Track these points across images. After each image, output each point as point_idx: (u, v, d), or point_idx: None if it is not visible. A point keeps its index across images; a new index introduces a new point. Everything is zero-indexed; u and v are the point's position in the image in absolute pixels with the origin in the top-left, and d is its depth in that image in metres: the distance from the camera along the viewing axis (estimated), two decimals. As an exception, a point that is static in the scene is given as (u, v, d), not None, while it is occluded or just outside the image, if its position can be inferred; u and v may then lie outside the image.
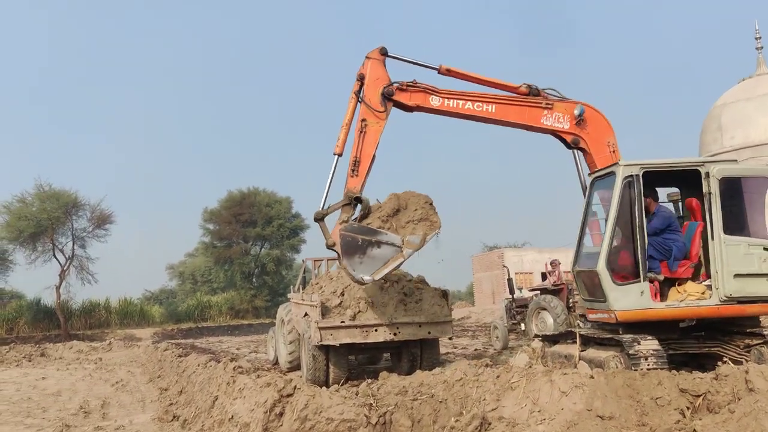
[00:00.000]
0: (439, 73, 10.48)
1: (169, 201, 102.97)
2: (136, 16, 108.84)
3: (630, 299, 7.87)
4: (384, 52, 10.24)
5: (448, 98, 10.15)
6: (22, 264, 35.98)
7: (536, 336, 10.07)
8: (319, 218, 10.05)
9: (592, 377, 5.36)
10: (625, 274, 8.06)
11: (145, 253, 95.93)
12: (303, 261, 17.00)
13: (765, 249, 7.73)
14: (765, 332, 7.78)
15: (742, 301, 7.74)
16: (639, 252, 7.89)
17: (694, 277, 8.29)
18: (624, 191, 8.03)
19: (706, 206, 7.91)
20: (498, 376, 6.06)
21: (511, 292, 16.03)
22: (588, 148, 9.70)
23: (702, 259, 8.32)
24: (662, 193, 9.15)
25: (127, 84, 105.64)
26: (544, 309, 14.07)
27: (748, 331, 7.99)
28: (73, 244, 35.66)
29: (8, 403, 11.44)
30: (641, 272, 7.86)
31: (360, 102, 10.19)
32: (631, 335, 7.59)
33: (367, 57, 10.26)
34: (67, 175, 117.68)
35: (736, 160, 8.46)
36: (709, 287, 7.87)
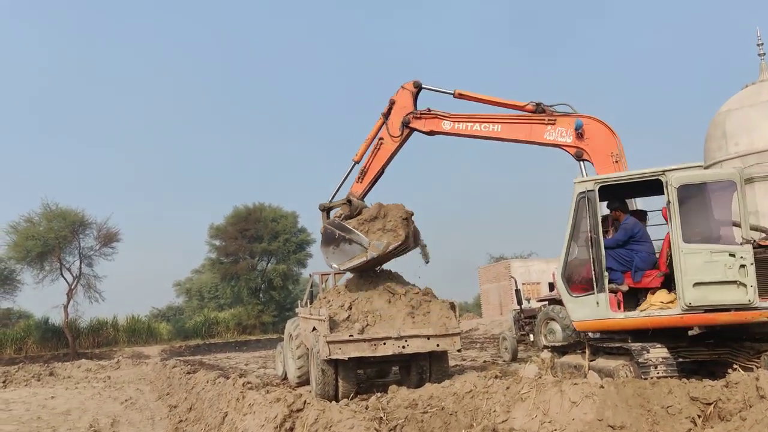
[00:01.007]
0: (453, 97, 11.39)
1: (174, 218, 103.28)
2: (143, 32, 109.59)
3: (586, 310, 8.11)
4: (417, 86, 11.65)
5: (457, 122, 11.14)
6: (29, 283, 36.08)
7: (545, 347, 10.06)
8: (323, 209, 12.38)
9: (602, 387, 5.34)
10: (582, 286, 8.27)
11: (151, 270, 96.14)
12: (310, 275, 17.00)
13: (731, 255, 7.51)
14: None
15: (709, 310, 7.59)
16: (594, 264, 8.05)
17: (668, 286, 8.20)
18: (580, 206, 8.32)
19: (669, 215, 7.90)
20: (508, 388, 6.04)
21: (519, 303, 15.95)
22: (591, 159, 9.78)
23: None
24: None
25: (134, 100, 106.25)
26: (553, 319, 14.00)
27: (758, 337, 7.91)
28: (80, 263, 35.77)
29: (18, 423, 11.46)
30: (596, 284, 8.02)
31: (384, 123, 11.84)
32: (640, 344, 7.58)
33: (402, 87, 11.78)
34: (73, 194, 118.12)
35: (701, 166, 8.26)
36: None
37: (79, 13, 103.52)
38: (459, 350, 10.82)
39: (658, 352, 7.39)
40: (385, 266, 12.21)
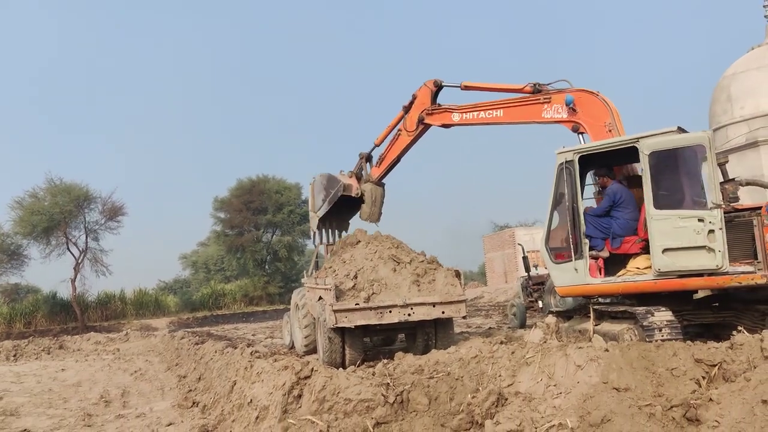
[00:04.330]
0: (461, 89, 12.05)
1: (179, 191, 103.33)
2: (140, 13, 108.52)
3: (567, 276, 8.42)
4: (438, 84, 12.26)
5: (465, 112, 11.78)
6: (36, 258, 36.21)
7: (550, 312, 10.11)
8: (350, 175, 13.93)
9: (607, 350, 5.36)
10: (564, 253, 8.54)
11: (157, 243, 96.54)
12: (316, 246, 17.04)
13: (699, 220, 7.46)
14: None
15: (682, 275, 7.59)
16: (573, 232, 8.30)
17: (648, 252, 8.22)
18: (560, 176, 8.57)
19: (643, 182, 7.93)
20: (513, 353, 6.08)
21: (527, 270, 15.96)
22: (587, 131, 9.93)
23: None
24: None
25: (134, 76, 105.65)
26: None
27: (763, 299, 7.91)
28: (86, 237, 35.86)
29: (30, 395, 11.61)
30: (574, 251, 8.30)
31: (404, 116, 12.75)
32: (645, 308, 7.61)
33: (424, 84, 12.43)
34: (77, 170, 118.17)
35: (675, 130, 8.18)
36: None
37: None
38: (464, 317, 10.89)
39: (662, 316, 7.42)
40: (392, 234, 12.34)
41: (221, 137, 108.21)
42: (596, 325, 8.36)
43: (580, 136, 10.06)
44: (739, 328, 6.94)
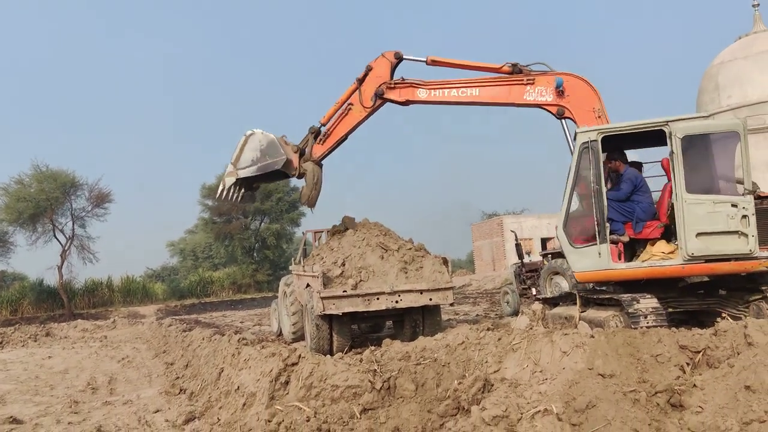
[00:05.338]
0: (426, 64, 11.19)
1: (166, 179, 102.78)
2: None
3: (588, 261, 8.10)
4: (398, 57, 11.25)
5: (434, 89, 10.92)
6: (23, 245, 36.15)
7: (536, 299, 10.14)
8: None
9: (592, 337, 5.40)
10: (584, 237, 8.25)
11: (145, 231, 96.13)
12: (303, 233, 17.05)
13: (733, 206, 7.57)
14: (763, 287, 7.79)
15: (710, 259, 7.67)
16: (597, 215, 8.03)
17: (668, 237, 8.27)
18: (582, 156, 8.23)
19: (671, 165, 7.89)
20: (499, 339, 6.11)
21: (520, 257, 15.98)
22: (573, 117, 9.82)
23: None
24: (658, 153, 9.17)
25: (120, 62, 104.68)
26: (558, 273, 13.99)
27: (747, 287, 8.01)
28: (73, 224, 35.69)
29: (16, 382, 11.56)
30: (598, 235, 8.00)
31: (358, 89, 11.41)
32: (630, 295, 7.65)
33: (381, 54, 11.31)
34: (63, 157, 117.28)
35: (704, 116, 8.24)
36: None
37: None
38: (451, 304, 10.93)
39: (647, 303, 7.47)
40: (379, 221, 12.35)
41: (208, 123, 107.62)
42: (582, 312, 8.39)
43: (563, 122, 9.96)
44: (723, 315, 7.05)
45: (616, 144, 8.65)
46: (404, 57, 11.27)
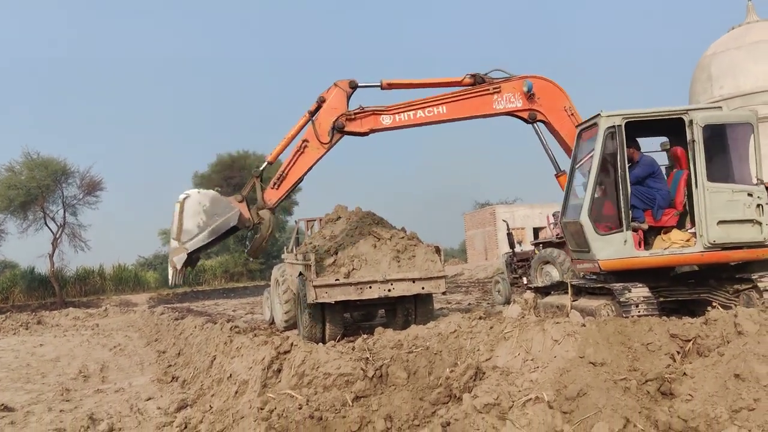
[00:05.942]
0: (381, 89, 10.31)
1: (159, 166, 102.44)
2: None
3: (613, 249, 7.96)
4: (353, 86, 10.11)
5: (398, 113, 10.02)
6: (13, 233, 35.95)
7: (528, 288, 10.16)
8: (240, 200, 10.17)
9: (583, 325, 5.42)
10: (608, 224, 8.13)
11: (137, 219, 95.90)
12: (296, 222, 17.07)
13: (749, 195, 7.75)
14: (753, 277, 7.86)
15: (726, 247, 7.80)
16: (622, 202, 7.95)
17: (680, 225, 8.34)
18: (606, 142, 8.09)
19: (691, 154, 7.92)
20: (491, 327, 6.12)
21: (512, 246, 16.01)
22: (547, 118, 9.78)
23: (687, 207, 8.36)
24: (653, 143, 9.21)
25: (114, 51, 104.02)
26: (549, 262, 14.01)
27: (737, 276, 8.08)
28: (65, 212, 35.61)
29: (7, 369, 11.53)
30: (624, 222, 7.92)
31: (311, 123, 10.03)
32: (622, 284, 7.69)
33: (334, 84, 10.12)
34: (54, 146, 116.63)
35: (720, 107, 8.41)
36: (695, 235, 7.95)
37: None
38: (444, 293, 10.95)
39: (639, 292, 7.50)
40: (371, 210, 12.35)
41: (202, 112, 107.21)
42: (574, 301, 8.43)
43: (535, 125, 9.91)
44: (714, 304, 7.08)
45: (629, 132, 8.58)
46: (359, 85, 10.22)
